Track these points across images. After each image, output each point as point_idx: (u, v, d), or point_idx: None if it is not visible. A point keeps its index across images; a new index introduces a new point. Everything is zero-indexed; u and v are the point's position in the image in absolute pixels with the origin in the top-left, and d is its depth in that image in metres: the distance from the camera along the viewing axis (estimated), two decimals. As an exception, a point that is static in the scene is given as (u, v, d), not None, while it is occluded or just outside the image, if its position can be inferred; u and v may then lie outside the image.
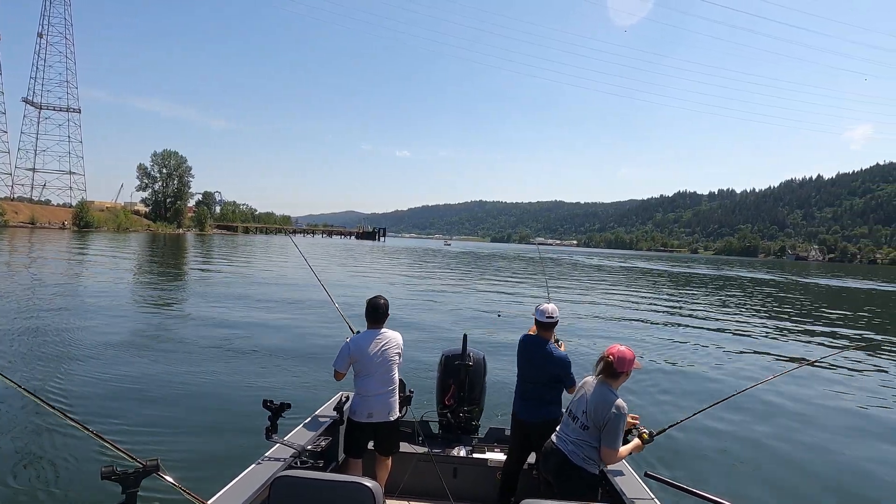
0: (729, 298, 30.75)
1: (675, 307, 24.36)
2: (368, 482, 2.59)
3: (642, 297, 28.88)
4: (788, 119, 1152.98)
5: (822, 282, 56.85)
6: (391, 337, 4.29)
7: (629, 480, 3.65)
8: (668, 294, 31.84)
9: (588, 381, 3.57)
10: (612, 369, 3.42)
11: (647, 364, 11.46)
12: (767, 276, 62.31)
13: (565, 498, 3.23)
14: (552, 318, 4.20)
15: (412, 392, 4.81)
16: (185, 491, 2.38)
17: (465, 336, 5.16)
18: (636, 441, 3.62)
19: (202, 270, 31.63)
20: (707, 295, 32.52)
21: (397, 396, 4.34)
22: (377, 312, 4.27)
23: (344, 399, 4.68)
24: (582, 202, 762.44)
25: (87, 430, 2.26)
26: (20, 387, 2.30)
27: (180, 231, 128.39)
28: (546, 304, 4.26)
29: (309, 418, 4.41)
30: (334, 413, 4.51)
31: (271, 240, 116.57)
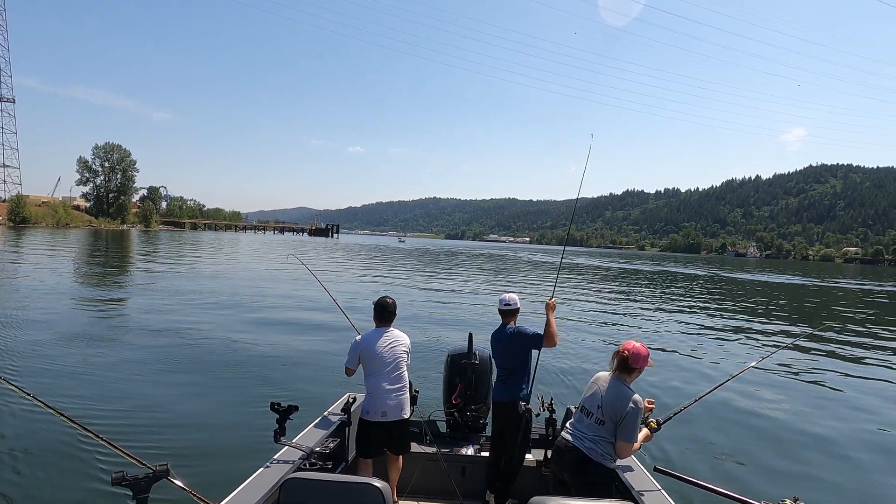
0: (672, 293, 32.14)
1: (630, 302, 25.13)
2: (378, 482, 2.61)
3: (602, 293, 29.81)
4: (730, 121, 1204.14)
5: (760, 278, 59.69)
6: (399, 336, 4.37)
7: (639, 475, 3.69)
8: (620, 289, 33.13)
9: (601, 375, 3.60)
10: (627, 364, 3.45)
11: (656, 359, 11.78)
12: (710, 273, 65.14)
13: (582, 494, 3.32)
14: (509, 304, 4.52)
15: (418, 392, 4.79)
16: (195, 495, 2.40)
17: (470, 335, 5.16)
18: (645, 431, 3.67)
19: (193, 267, 30.71)
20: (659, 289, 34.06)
21: (408, 395, 4.39)
22: (385, 311, 4.35)
23: (351, 400, 4.71)
24: (535, 199, 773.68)
25: (98, 436, 2.29)
26: (29, 394, 2.34)
27: (124, 227, 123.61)
28: (506, 294, 4.63)
29: (317, 420, 4.44)
30: (342, 414, 4.54)
31: (221, 236, 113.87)
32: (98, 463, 5.64)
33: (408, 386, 4.40)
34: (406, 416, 4.31)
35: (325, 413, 4.61)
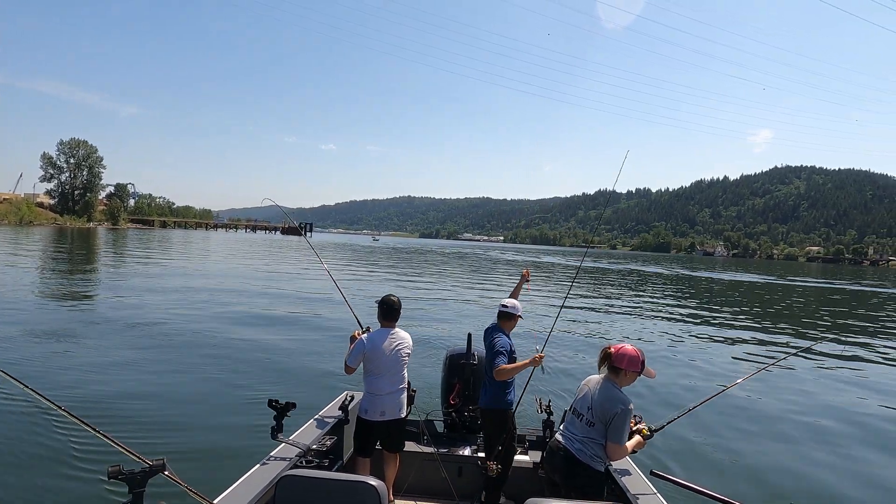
0: (643, 292, 32.86)
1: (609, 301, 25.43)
2: (374, 481, 2.63)
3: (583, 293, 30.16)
4: (700, 123, 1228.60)
5: (743, 278, 61.16)
6: (403, 336, 4.34)
7: (635, 479, 3.68)
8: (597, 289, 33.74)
9: (592, 378, 3.60)
10: (612, 364, 3.43)
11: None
12: (694, 273, 66.57)
13: (571, 496, 3.29)
14: (505, 307, 4.44)
15: (415, 391, 4.79)
16: (191, 491, 2.43)
17: (469, 335, 5.16)
18: (637, 437, 3.67)
19: (184, 265, 30.34)
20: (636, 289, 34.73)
21: (406, 394, 4.41)
22: (392, 310, 4.29)
23: (349, 398, 4.71)
24: (509, 199, 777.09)
25: (94, 429, 2.30)
26: (27, 387, 2.34)
27: (91, 225, 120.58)
28: (510, 299, 4.57)
29: (314, 418, 4.44)
30: (339, 413, 4.53)
31: (191, 235, 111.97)
32: (94, 456, 5.65)
33: (406, 385, 4.42)
34: (403, 416, 4.34)
35: (323, 411, 4.62)
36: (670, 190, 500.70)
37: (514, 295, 4.70)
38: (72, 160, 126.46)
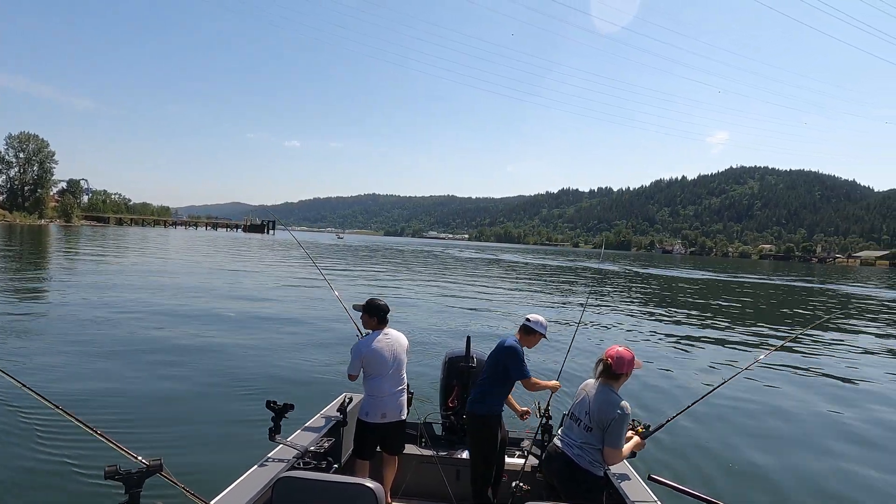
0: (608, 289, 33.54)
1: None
2: (371, 483, 2.63)
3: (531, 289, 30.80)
4: (660, 125, 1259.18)
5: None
6: (398, 337, 4.37)
7: (633, 484, 3.65)
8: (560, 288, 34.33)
9: (588, 383, 3.60)
10: (612, 371, 3.45)
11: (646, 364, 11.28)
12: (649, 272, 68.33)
13: (570, 500, 3.31)
14: (529, 320, 4.32)
15: (412, 393, 4.79)
16: (188, 491, 2.42)
17: (468, 338, 5.15)
18: (635, 439, 3.69)
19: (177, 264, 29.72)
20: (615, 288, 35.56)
21: (406, 396, 4.43)
22: (381, 313, 4.31)
23: (347, 400, 4.67)
24: (473, 197, 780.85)
25: (91, 429, 2.29)
26: (24, 385, 2.33)
27: (42, 222, 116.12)
28: (535, 314, 4.43)
29: (312, 419, 4.42)
30: (338, 414, 4.49)
31: (148, 232, 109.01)
32: (91, 456, 5.62)
33: (406, 387, 4.45)
34: (404, 418, 4.35)
35: (321, 412, 4.61)
36: (631, 189, 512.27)
37: (537, 384, 4.29)
38: (21, 155, 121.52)
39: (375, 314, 4.33)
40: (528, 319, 4.33)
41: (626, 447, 3.53)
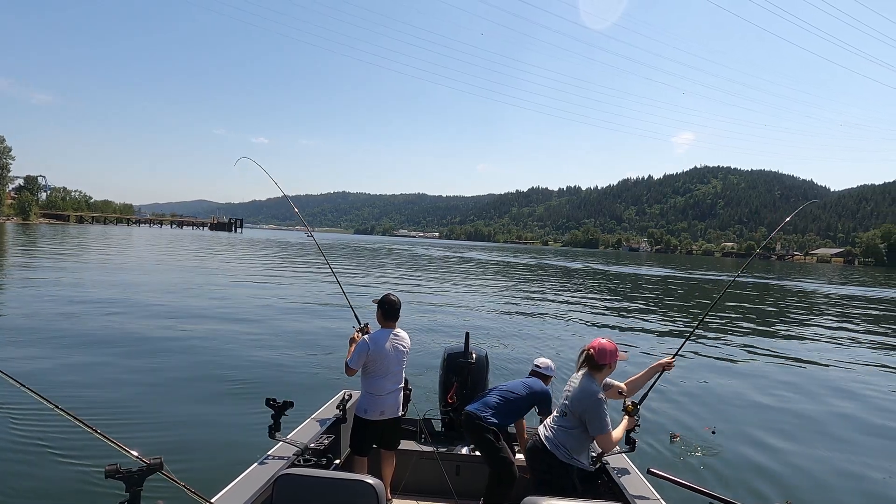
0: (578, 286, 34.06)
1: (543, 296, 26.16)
2: (371, 479, 2.64)
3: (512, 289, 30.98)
4: (627, 125, 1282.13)
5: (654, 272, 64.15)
6: (403, 336, 4.37)
7: (632, 478, 3.66)
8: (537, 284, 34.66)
9: (576, 376, 3.65)
10: (594, 361, 3.53)
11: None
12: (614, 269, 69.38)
13: (541, 485, 3.38)
14: (538, 366, 4.60)
15: (411, 389, 4.80)
16: (188, 489, 2.43)
17: (467, 334, 5.16)
18: (626, 419, 3.74)
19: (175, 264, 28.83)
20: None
21: (403, 393, 4.47)
22: (393, 310, 4.30)
23: (347, 397, 4.70)
24: (444, 195, 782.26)
25: (91, 428, 2.27)
26: (23, 385, 2.32)
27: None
28: (544, 359, 4.70)
29: (312, 417, 4.44)
30: (337, 411, 4.52)
31: (110, 230, 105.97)
32: (91, 455, 5.62)
33: (404, 384, 4.48)
34: (400, 414, 4.39)
35: (321, 410, 4.63)
36: (599, 188, 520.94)
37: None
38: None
39: (385, 311, 4.30)
40: (536, 366, 4.63)
41: (619, 429, 3.59)
